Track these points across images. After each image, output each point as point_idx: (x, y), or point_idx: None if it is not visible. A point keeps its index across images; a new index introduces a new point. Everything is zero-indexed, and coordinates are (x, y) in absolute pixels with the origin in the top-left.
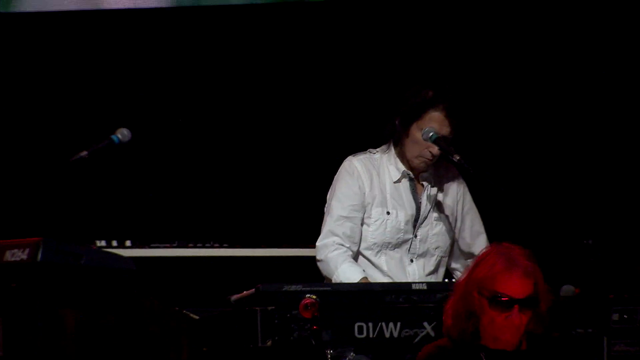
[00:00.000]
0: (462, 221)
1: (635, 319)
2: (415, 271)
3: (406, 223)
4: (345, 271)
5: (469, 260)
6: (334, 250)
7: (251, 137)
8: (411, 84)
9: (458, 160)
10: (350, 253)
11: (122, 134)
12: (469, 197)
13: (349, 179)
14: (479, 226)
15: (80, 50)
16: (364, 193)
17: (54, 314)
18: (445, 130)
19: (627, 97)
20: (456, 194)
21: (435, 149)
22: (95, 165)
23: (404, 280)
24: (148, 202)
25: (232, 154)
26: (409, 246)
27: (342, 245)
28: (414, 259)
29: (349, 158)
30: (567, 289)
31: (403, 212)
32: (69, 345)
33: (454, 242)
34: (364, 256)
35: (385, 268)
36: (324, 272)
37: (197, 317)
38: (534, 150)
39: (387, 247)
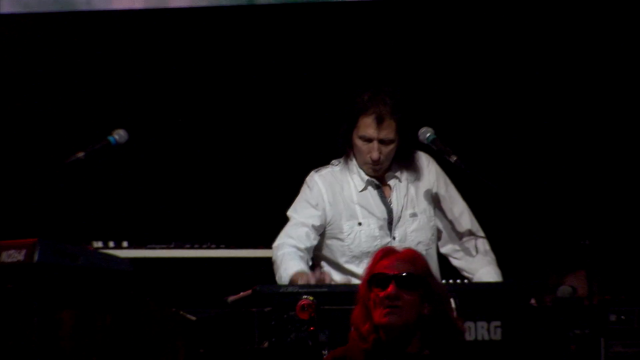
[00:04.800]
0: (442, 205)
1: (632, 320)
2: None
3: (380, 229)
4: (286, 268)
5: (457, 243)
6: (284, 249)
7: (248, 138)
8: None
9: (455, 160)
10: (302, 254)
11: (119, 135)
12: (443, 179)
13: (308, 192)
14: (460, 205)
15: (77, 51)
16: (324, 208)
17: (51, 315)
18: (380, 134)
19: (623, 97)
20: (429, 181)
21: (374, 154)
22: (93, 166)
23: None
24: (145, 203)
25: (229, 155)
26: None
27: (296, 247)
28: None
29: (311, 173)
30: (564, 290)
31: (374, 219)
32: (66, 346)
33: (437, 230)
34: (346, 270)
35: None
36: (275, 274)
37: (194, 318)
38: (530, 151)
39: (368, 256)
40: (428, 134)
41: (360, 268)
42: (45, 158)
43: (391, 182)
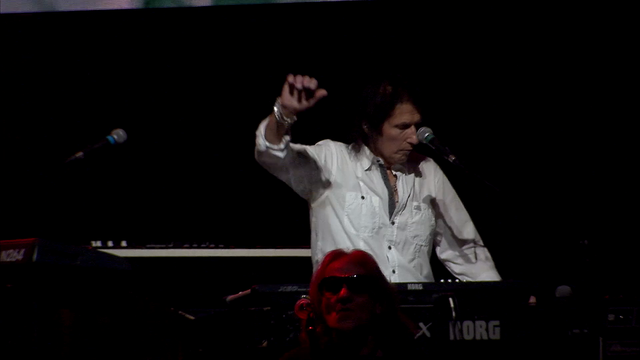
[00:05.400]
0: (447, 211)
1: (630, 319)
2: (394, 258)
3: (380, 208)
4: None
5: (457, 249)
6: None
7: (247, 137)
8: (365, 82)
9: (453, 160)
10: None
11: (118, 134)
12: (448, 186)
13: (318, 147)
14: (464, 214)
15: (76, 51)
16: (328, 163)
17: (50, 314)
18: (416, 118)
19: (623, 98)
20: (434, 185)
21: (414, 138)
22: (91, 165)
23: (383, 267)
24: (144, 203)
25: (228, 154)
26: (386, 233)
27: None
28: (392, 246)
29: (326, 140)
30: (563, 290)
31: (377, 197)
32: (64, 345)
33: (434, 232)
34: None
35: None
36: (258, 147)
37: (192, 318)
38: (529, 151)
39: (365, 232)
40: (427, 134)
41: (355, 245)
42: (44, 157)
43: (398, 172)
